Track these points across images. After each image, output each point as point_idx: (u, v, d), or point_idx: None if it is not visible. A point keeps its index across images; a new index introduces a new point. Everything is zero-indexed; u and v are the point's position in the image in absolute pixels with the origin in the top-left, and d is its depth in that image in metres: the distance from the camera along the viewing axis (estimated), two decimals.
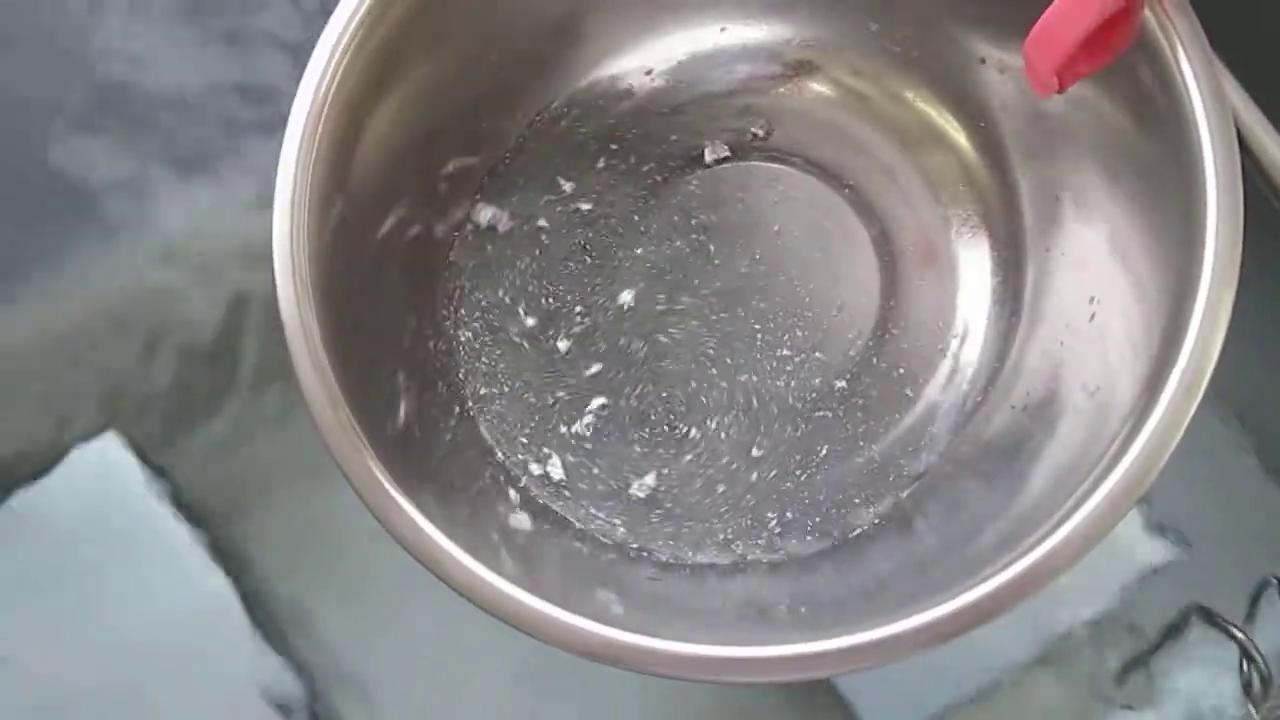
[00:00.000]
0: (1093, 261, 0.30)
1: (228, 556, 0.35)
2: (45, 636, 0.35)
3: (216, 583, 0.35)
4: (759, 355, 0.34)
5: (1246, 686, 0.33)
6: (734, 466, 0.33)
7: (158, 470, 0.36)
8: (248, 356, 0.37)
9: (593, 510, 0.32)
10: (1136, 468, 0.25)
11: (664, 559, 0.32)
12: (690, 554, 0.32)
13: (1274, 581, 0.34)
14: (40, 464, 0.36)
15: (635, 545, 0.32)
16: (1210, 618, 0.34)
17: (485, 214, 0.35)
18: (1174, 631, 0.34)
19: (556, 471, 0.33)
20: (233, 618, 0.35)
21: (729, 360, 0.34)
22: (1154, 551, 0.35)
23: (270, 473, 0.36)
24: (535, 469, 0.33)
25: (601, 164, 0.35)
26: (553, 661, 0.34)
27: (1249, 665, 0.33)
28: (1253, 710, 0.33)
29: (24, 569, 0.36)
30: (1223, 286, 0.25)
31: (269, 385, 0.37)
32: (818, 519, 0.32)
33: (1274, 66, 0.28)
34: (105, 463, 0.36)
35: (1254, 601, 0.34)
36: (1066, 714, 0.34)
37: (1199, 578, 0.35)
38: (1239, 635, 0.33)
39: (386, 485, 0.26)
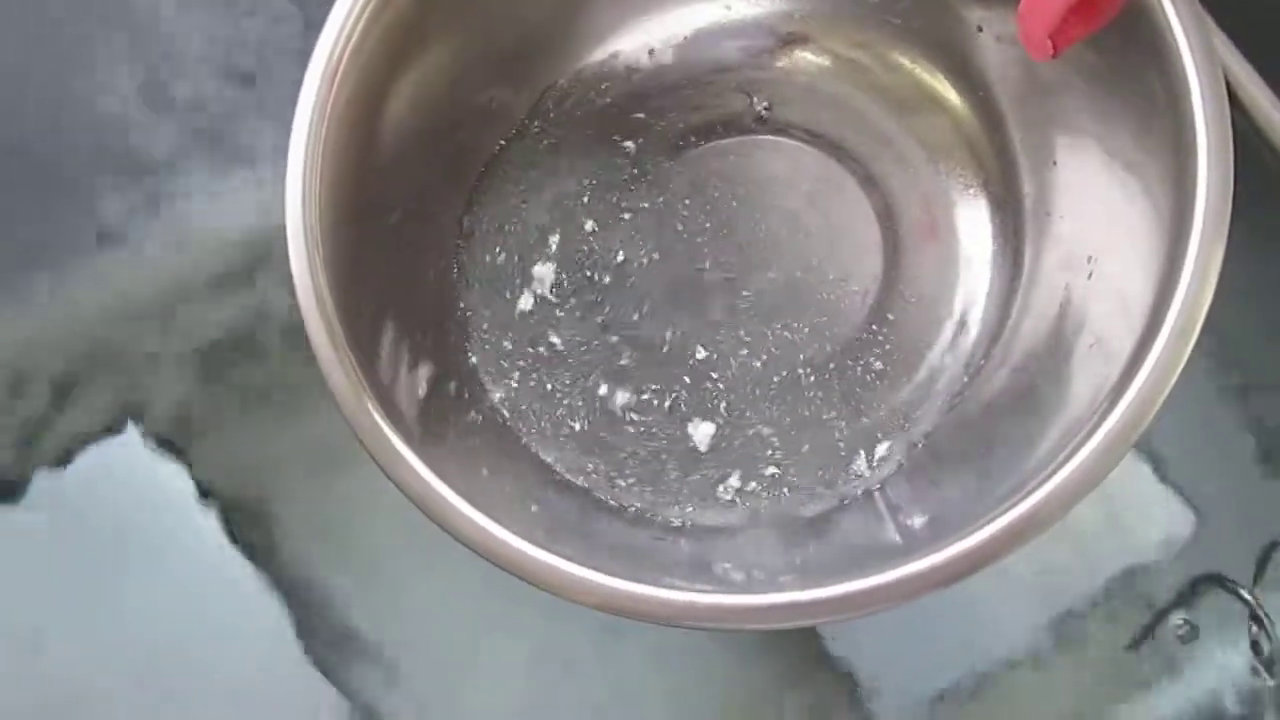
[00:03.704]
0: (1089, 222, 0.31)
1: (248, 543, 0.36)
2: (66, 622, 0.36)
3: (237, 568, 0.36)
4: (763, 324, 0.34)
5: (1255, 647, 0.33)
6: (741, 431, 0.33)
7: (180, 459, 0.37)
8: (269, 345, 0.38)
9: (598, 475, 0.33)
10: (1131, 413, 0.25)
11: (675, 523, 0.32)
12: (698, 516, 0.32)
13: None
14: (65, 451, 0.37)
15: (642, 507, 0.32)
16: (1220, 582, 0.34)
17: (493, 188, 0.35)
18: (1185, 599, 0.34)
19: (558, 430, 0.33)
20: (254, 603, 0.35)
21: (735, 329, 0.34)
22: (1164, 521, 0.35)
23: (291, 461, 0.37)
24: (543, 430, 0.33)
25: (606, 140, 0.36)
26: (571, 639, 0.35)
27: (1258, 628, 0.33)
28: (1263, 672, 0.33)
29: (48, 554, 0.36)
30: (1214, 237, 0.26)
31: (290, 372, 0.37)
32: (823, 481, 0.32)
33: (1264, 21, 0.28)
34: (128, 450, 0.37)
35: (1261, 565, 0.34)
36: (1079, 686, 0.34)
37: (1210, 546, 0.35)
38: (1248, 598, 0.33)
39: (402, 450, 0.27)
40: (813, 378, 0.34)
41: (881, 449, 0.32)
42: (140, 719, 0.35)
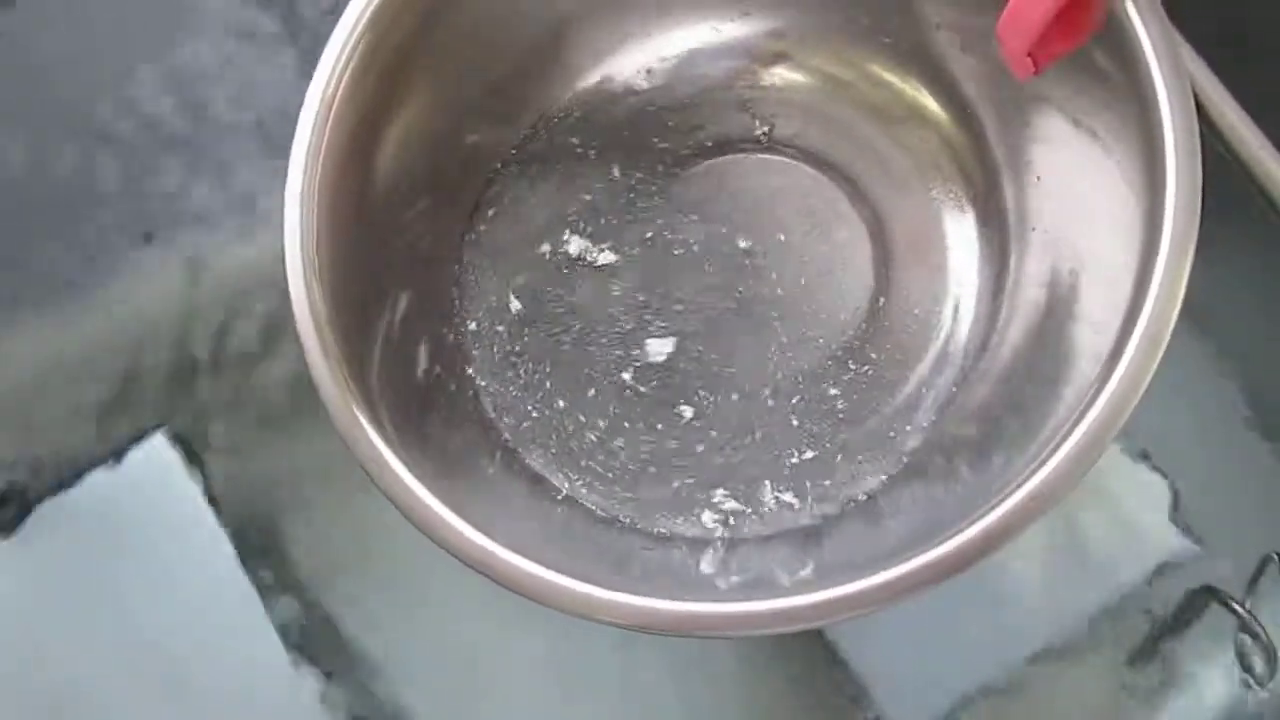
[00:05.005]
0: (1069, 236, 0.31)
1: (258, 555, 0.37)
2: (77, 629, 0.37)
3: (245, 581, 0.36)
4: (755, 339, 0.35)
5: (1241, 658, 0.33)
6: (731, 444, 0.34)
7: (198, 472, 0.38)
8: (285, 361, 0.39)
9: (591, 484, 0.33)
10: (1106, 414, 0.26)
11: (658, 532, 0.33)
12: (686, 528, 0.33)
13: (1275, 558, 0.34)
14: (87, 465, 0.38)
15: (631, 518, 0.33)
16: (1216, 596, 0.34)
17: (493, 210, 0.36)
18: (1185, 613, 0.34)
19: (552, 446, 0.34)
20: (260, 615, 0.36)
21: (726, 344, 0.35)
22: (1169, 538, 0.35)
23: (306, 477, 0.37)
24: (539, 443, 0.34)
25: (603, 161, 0.36)
26: (585, 648, 0.35)
27: (1251, 641, 0.33)
28: (1254, 684, 0.33)
29: (65, 566, 0.37)
30: (1181, 252, 0.26)
31: (308, 391, 0.38)
32: (810, 494, 0.33)
33: (1232, 36, 0.28)
34: (148, 464, 0.38)
35: (1255, 579, 0.34)
36: (1084, 700, 0.34)
37: (1214, 562, 0.35)
38: (1241, 612, 0.33)
39: (394, 464, 0.28)
40: (804, 390, 0.34)
41: (871, 460, 0.33)
42: None
